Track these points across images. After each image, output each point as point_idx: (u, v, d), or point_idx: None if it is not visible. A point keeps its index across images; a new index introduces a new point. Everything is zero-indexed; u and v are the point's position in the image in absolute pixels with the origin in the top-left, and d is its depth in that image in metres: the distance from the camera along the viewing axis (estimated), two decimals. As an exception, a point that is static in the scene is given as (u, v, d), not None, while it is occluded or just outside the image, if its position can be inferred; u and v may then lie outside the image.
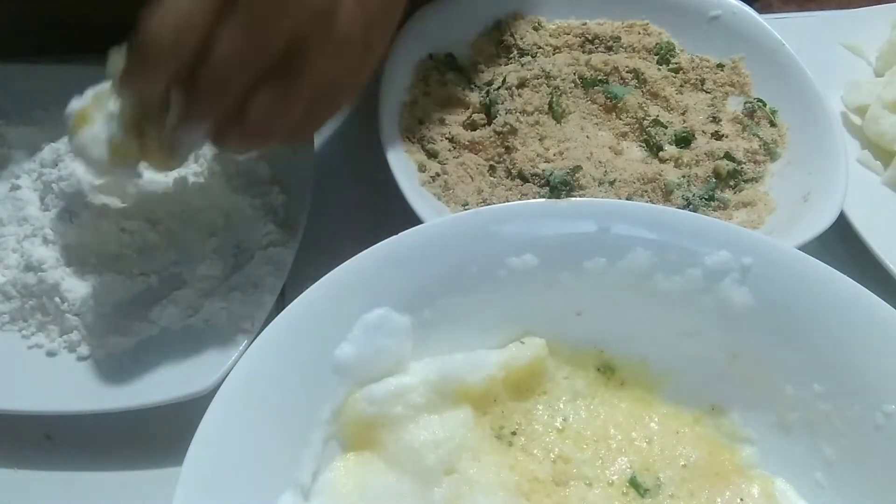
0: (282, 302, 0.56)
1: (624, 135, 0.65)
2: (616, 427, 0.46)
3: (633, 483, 0.44)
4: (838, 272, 0.45)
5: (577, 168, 0.60)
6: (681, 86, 0.68)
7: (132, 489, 0.50)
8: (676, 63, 0.69)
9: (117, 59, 0.48)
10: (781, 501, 0.44)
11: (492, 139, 0.62)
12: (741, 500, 0.44)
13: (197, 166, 0.60)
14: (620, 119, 0.65)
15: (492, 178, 0.61)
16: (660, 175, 0.60)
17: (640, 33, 0.71)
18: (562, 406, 0.47)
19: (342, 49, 0.48)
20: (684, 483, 0.44)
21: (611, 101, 0.65)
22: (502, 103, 0.63)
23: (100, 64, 0.64)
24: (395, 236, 0.46)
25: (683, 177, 0.61)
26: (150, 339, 0.53)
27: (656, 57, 0.69)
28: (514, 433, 0.46)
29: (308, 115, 0.49)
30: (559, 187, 0.59)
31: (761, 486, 0.45)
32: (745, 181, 0.62)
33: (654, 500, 0.44)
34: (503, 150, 0.62)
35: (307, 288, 0.44)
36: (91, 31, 0.65)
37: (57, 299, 0.53)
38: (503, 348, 0.47)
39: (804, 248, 0.51)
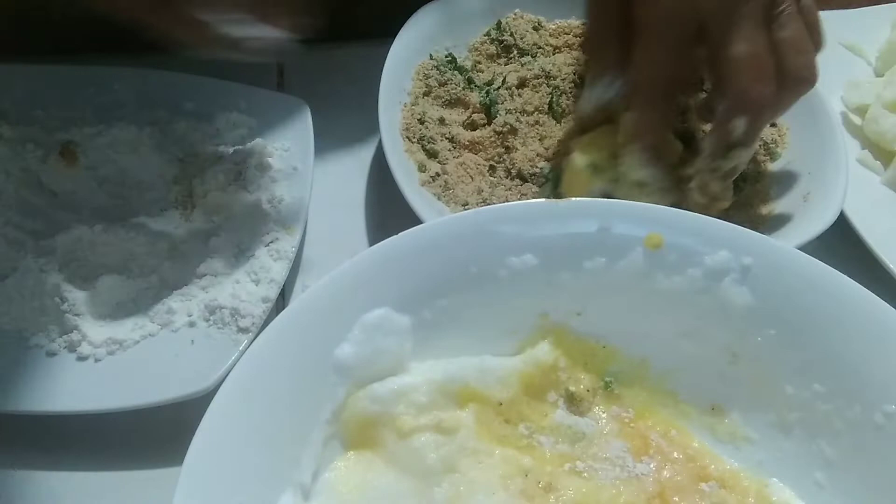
0: (282, 302, 0.57)
1: (624, 135, 0.65)
2: (616, 427, 0.47)
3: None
4: (838, 272, 0.45)
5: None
6: (681, 86, 0.68)
7: (132, 489, 0.50)
8: (676, 63, 0.69)
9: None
10: (777, 501, 0.44)
11: (492, 139, 0.62)
12: (736, 498, 0.44)
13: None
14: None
15: (492, 178, 0.61)
16: (660, 175, 0.60)
17: (640, 33, 0.71)
18: (563, 406, 0.47)
19: None
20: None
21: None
22: (502, 103, 0.63)
23: (99, 64, 0.65)
24: (395, 236, 0.46)
25: (684, 177, 0.61)
26: (151, 338, 0.53)
27: (656, 57, 0.69)
28: (515, 434, 0.46)
29: None
30: (556, 183, 0.59)
31: (757, 486, 0.45)
32: (746, 181, 0.62)
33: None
34: (503, 150, 0.62)
35: (307, 288, 0.44)
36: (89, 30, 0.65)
37: (57, 299, 0.53)
38: (511, 356, 0.47)
39: (804, 248, 0.51)
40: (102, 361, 0.52)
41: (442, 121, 0.64)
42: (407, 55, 0.66)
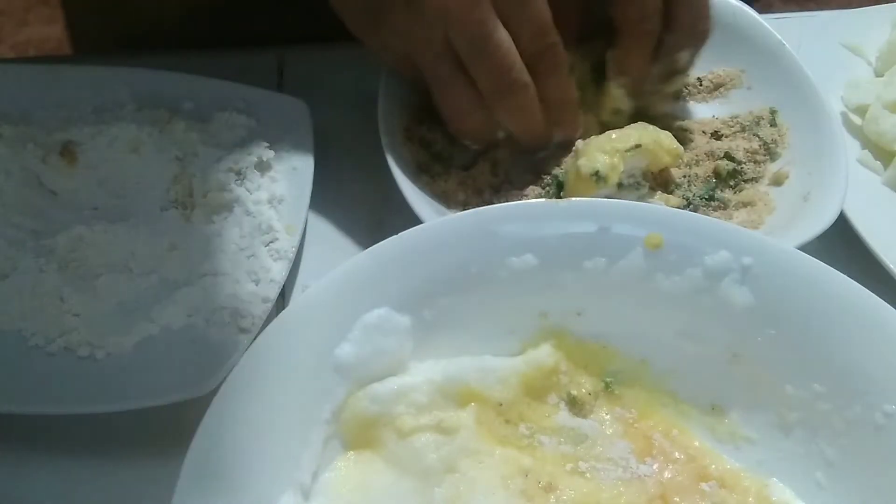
0: (282, 302, 0.57)
1: (624, 135, 0.64)
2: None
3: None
4: (838, 272, 0.45)
5: (578, 168, 0.59)
6: (681, 85, 0.68)
7: (132, 489, 0.50)
8: (676, 63, 0.69)
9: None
10: (777, 501, 0.44)
11: (492, 139, 0.62)
12: (736, 498, 0.44)
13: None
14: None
15: (493, 178, 0.61)
16: (660, 175, 0.60)
17: (640, 33, 0.71)
18: (564, 408, 0.47)
19: None
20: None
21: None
22: (502, 103, 0.63)
23: (99, 64, 0.65)
24: (395, 236, 0.46)
25: (684, 177, 0.61)
26: (150, 339, 0.53)
27: (656, 57, 0.69)
28: (516, 434, 0.46)
29: None
30: (560, 187, 0.59)
31: (757, 486, 0.45)
32: (745, 181, 0.62)
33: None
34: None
35: (307, 288, 0.44)
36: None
37: (57, 299, 0.53)
38: (511, 356, 0.47)
39: (804, 248, 0.51)
40: (102, 361, 0.52)
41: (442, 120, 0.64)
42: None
